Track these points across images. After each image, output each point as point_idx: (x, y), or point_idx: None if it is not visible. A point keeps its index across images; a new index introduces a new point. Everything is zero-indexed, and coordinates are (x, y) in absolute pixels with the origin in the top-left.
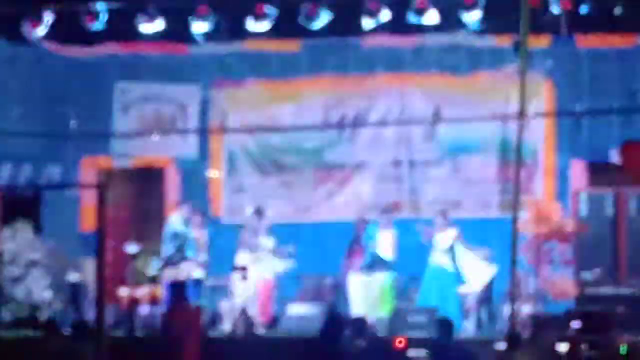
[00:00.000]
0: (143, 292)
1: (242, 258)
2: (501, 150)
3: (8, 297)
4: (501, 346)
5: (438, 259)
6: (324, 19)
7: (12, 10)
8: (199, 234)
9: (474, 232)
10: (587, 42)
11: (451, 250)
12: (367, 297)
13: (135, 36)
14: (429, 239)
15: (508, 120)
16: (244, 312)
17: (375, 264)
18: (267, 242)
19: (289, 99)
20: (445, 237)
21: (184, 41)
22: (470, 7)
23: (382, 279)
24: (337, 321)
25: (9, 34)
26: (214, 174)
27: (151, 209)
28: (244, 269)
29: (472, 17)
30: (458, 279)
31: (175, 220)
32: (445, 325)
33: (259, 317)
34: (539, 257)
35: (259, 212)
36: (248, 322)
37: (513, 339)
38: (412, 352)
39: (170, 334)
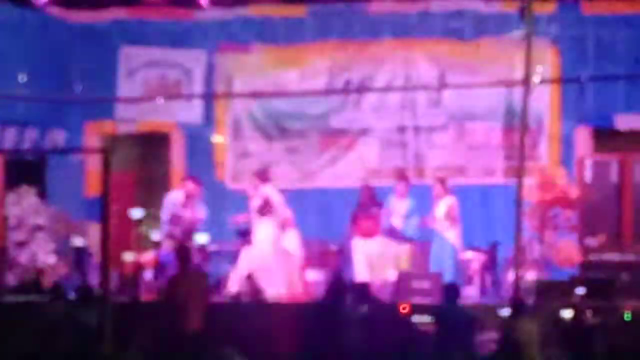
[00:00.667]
0: (147, 256)
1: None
2: (506, 116)
3: (13, 261)
4: (505, 312)
5: (438, 226)
6: None
7: None
8: (199, 211)
9: (479, 198)
10: (592, 8)
11: (448, 217)
12: (371, 263)
13: (139, 1)
14: (426, 227)
15: (513, 86)
16: (249, 277)
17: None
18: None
19: (294, 64)
20: (443, 205)
21: (189, 6)
22: None
23: (389, 245)
24: (339, 286)
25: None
26: (218, 139)
27: (155, 173)
28: (247, 233)
29: None
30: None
31: (175, 197)
32: (451, 291)
33: (263, 283)
34: (543, 223)
35: (262, 174)
36: (253, 287)
37: (517, 304)
38: (416, 318)
39: (174, 299)
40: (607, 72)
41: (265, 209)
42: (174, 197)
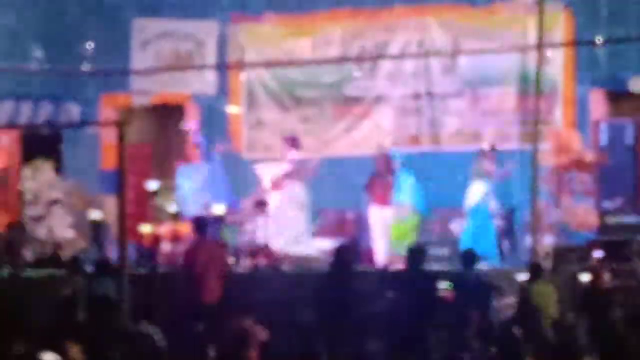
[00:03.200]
0: (165, 228)
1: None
2: (520, 82)
3: (30, 236)
4: (523, 277)
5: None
6: None
7: None
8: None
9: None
10: None
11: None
12: (388, 230)
13: None
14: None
15: (527, 51)
16: (265, 247)
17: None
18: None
19: (307, 33)
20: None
21: None
22: None
23: (406, 212)
24: (348, 252)
25: None
26: (233, 109)
27: (171, 145)
28: (264, 204)
29: None
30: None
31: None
32: (468, 257)
33: (280, 252)
34: (560, 187)
35: (291, 141)
36: (270, 257)
37: (535, 269)
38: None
39: (192, 270)
40: (620, 35)
41: (293, 175)
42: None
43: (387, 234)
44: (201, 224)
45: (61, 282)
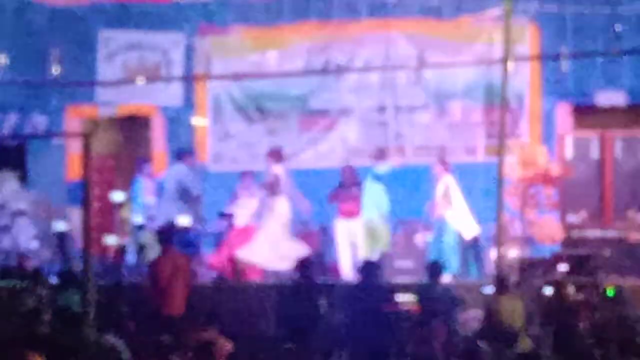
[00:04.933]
0: (129, 240)
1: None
2: (486, 95)
3: None
4: (488, 290)
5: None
6: None
7: None
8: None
9: (460, 177)
10: None
11: (446, 196)
12: (353, 242)
13: None
14: (433, 214)
15: (493, 64)
16: (232, 259)
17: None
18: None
19: (273, 45)
20: (442, 184)
21: None
22: None
23: (371, 224)
24: (310, 264)
25: None
26: (199, 121)
27: (137, 157)
28: (230, 215)
29: None
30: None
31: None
32: (434, 269)
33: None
34: (525, 200)
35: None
36: (236, 269)
37: (500, 282)
38: (399, 297)
39: (157, 282)
40: (586, 49)
41: (275, 188)
42: (178, 170)
43: (353, 245)
44: (166, 235)
45: (25, 293)
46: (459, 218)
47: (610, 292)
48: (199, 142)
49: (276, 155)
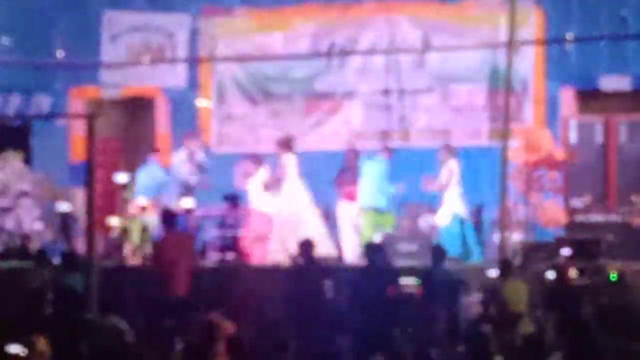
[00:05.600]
0: (133, 221)
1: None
2: (490, 78)
3: None
4: (492, 273)
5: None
6: None
7: None
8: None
9: (464, 160)
10: None
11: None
12: (356, 225)
13: None
14: (430, 189)
15: (497, 48)
16: (235, 240)
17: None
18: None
19: (277, 27)
20: (446, 169)
21: None
22: None
23: (374, 207)
24: (313, 246)
25: None
26: (202, 103)
27: (140, 138)
28: (234, 197)
29: None
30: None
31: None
32: (437, 253)
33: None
34: (529, 184)
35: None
36: (240, 250)
37: (505, 265)
38: (402, 280)
39: (161, 264)
40: (591, 33)
41: (282, 178)
42: (180, 158)
43: (355, 228)
44: (169, 217)
45: (28, 274)
46: (455, 202)
47: (613, 276)
48: (202, 124)
49: (286, 143)
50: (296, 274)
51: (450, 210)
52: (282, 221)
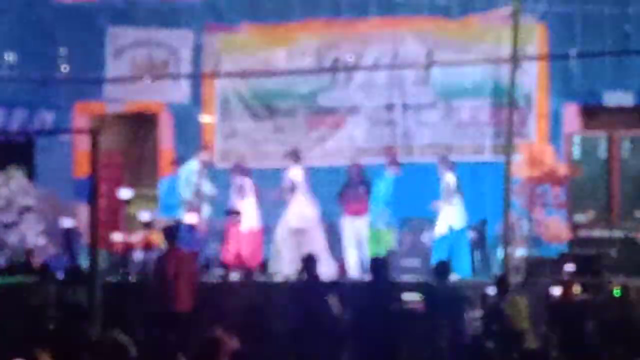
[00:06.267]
0: (136, 237)
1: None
2: (494, 94)
3: (2, 242)
4: (490, 291)
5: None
6: None
7: None
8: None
9: (467, 176)
10: None
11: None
12: (360, 241)
13: None
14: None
15: (501, 64)
16: (238, 256)
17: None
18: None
19: (281, 43)
20: (444, 182)
21: None
22: None
23: (377, 223)
24: (315, 262)
25: None
26: (206, 118)
27: (144, 154)
28: (237, 213)
29: None
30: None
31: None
32: (441, 269)
33: (249, 262)
34: (532, 200)
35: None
36: (242, 266)
37: (501, 281)
38: (405, 296)
39: (163, 279)
40: (595, 49)
41: (292, 190)
42: (191, 168)
43: (359, 243)
44: (172, 232)
45: (32, 289)
46: (453, 216)
47: (617, 292)
48: (206, 139)
49: (294, 155)
50: (300, 289)
51: (445, 222)
52: (289, 234)
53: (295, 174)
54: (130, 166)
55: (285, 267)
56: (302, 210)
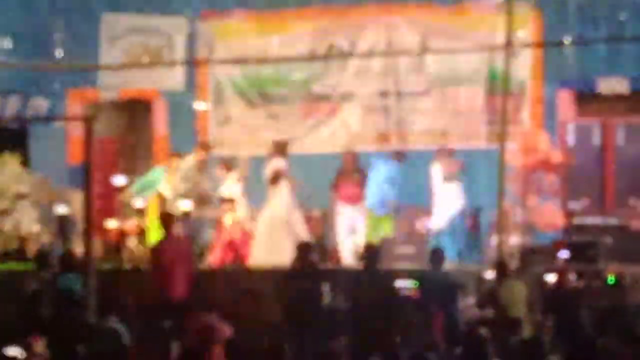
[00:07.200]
0: (131, 224)
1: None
2: (488, 81)
3: None
4: (489, 275)
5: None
6: None
7: None
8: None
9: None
10: None
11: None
12: (354, 228)
13: None
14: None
15: (495, 51)
16: (232, 244)
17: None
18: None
19: (276, 30)
20: (447, 169)
21: None
22: None
23: (372, 210)
24: (310, 249)
25: None
26: (200, 105)
27: (138, 141)
28: (231, 200)
29: None
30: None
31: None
32: (436, 256)
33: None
34: (526, 187)
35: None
36: (237, 253)
37: (501, 266)
38: (399, 283)
39: (160, 266)
40: (589, 36)
41: (275, 179)
42: (189, 163)
43: (353, 231)
44: (167, 220)
45: (26, 276)
46: (449, 203)
47: (611, 279)
48: (200, 126)
49: (282, 148)
50: (293, 277)
51: (443, 210)
52: (270, 224)
53: (278, 164)
54: (125, 153)
55: (267, 257)
56: (284, 200)
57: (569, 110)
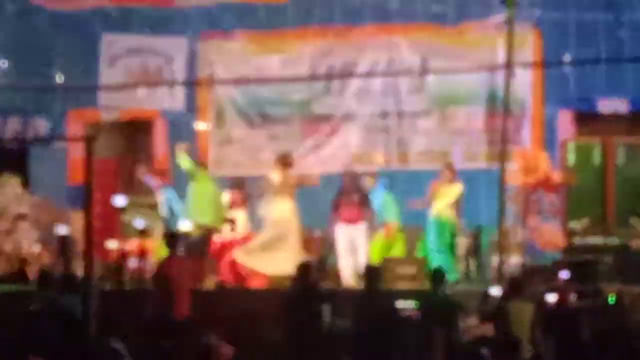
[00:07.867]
0: (132, 244)
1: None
2: (488, 101)
3: None
4: (494, 291)
5: (440, 211)
6: None
7: None
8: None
9: (462, 183)
10: None
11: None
12: (354, 249)
13: None
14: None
15: (495, 71)
16: (234, 264)
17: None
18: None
19: (276, 50)
20: (452, 191)
21: None
22: None
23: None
24: (310, 270)
25: None
26: (201, 126)
27: (139, 161)
28: (232, 221)
29: None
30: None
31: None
32: (437, 276)
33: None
34: (527, 207)
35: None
36: (238, 274)
37: (514, 284)
38: (400, 303)
39: (162, 286)
40: (589, 56)
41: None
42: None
43: (353, 251)
44: (172, 239)
45: (27, 297)
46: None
47: (611, 299)
48: (201, 146)
49: (284, 161)
50: (294, 297)
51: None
52: (269, 241)
53: (276, 177)
54: (125, 174)
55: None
56: (281, 215)
57: (569, 130)
